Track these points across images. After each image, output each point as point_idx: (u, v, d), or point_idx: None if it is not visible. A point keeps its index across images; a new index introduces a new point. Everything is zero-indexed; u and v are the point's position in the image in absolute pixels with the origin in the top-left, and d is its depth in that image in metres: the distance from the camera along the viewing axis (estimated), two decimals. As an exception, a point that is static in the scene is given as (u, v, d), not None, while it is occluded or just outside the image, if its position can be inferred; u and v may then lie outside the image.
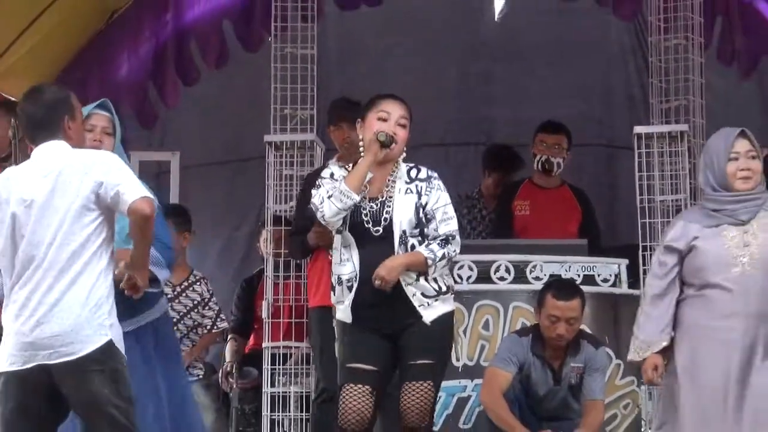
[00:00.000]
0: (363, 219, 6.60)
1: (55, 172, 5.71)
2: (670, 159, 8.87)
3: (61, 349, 5.58)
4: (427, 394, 6.62)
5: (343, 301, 6.63)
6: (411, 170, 6.74)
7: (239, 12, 10.72)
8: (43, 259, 5.65)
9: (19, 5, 9.81)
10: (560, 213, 9.61)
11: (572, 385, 7.86)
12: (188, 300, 8.69)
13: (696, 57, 9.40)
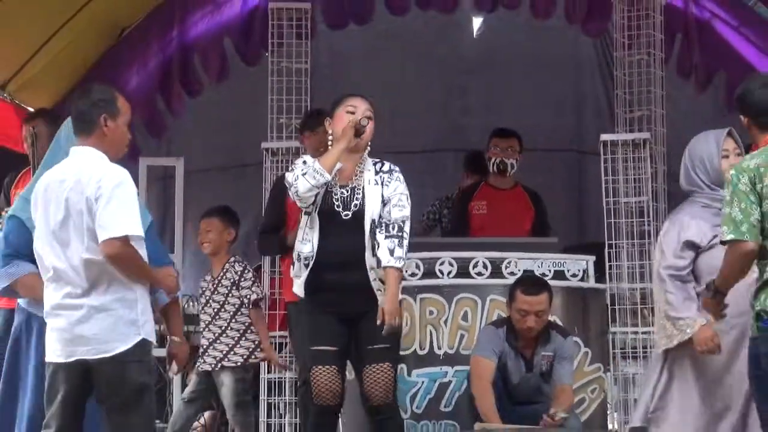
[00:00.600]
0: (334, 203, 6.65)
1: (73, 183, 5.71)
2: (634, 164, 8.91)
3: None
4: (388, 374, 6.66)
5: (300, 276, 6.67)
6: (376, 164, 6.82)
7: (239, 30, 10.74)
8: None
9: (36, 23, 9.80)
10: (515, 212, 9.54)
11: (543, 372, 7.85)
12: (224, 288, 8.63)
13: (657, 71, 9.46)
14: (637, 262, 8.83)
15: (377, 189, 6.71)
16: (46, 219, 5.73)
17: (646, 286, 8.78)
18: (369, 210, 6.66)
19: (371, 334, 6.62)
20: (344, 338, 6.70)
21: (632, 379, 8.78)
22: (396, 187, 6.72)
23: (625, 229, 8.85)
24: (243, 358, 8.42)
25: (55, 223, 5.69)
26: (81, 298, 5.66)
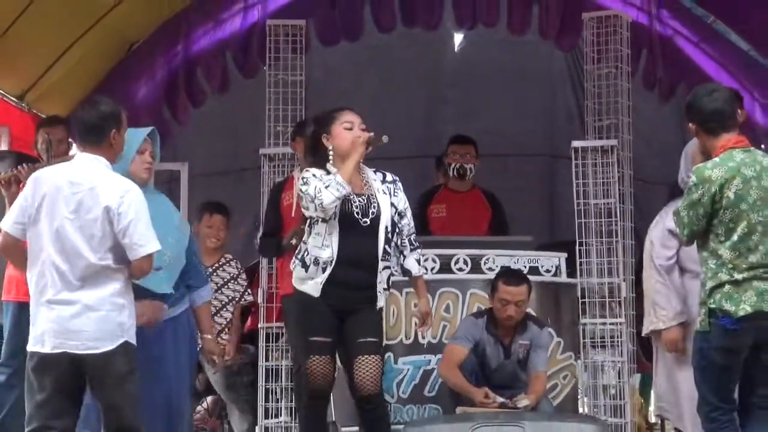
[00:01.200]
0: (354, 210, 6.65)
1: (87, 189, 5.70)
2: (602, 169, 8.90)
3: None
4: (376, 366, 6.70)
5: (314, 278, 6.66)
6: (377, 173, 6.85)
7: (239, 45, 10.75)
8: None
9: (52, 38, 9.81)
10: (473, 213, 9.60)
11: (520, 359, 7.87)
12: (219, 278, 8.68)
13: (624, 83, 9.45)
14: (605, 258, 8.83)
15: (387, 198, 6.76)
16: (51, 216, 5.67)
17: (614, 280, 8.81)
18: (384, 217, 6.70)
19: (362, 328, 6.69)
20: (337, 331, 6.72)
21: (601, 367, 8.77)
22: (404, 199, 6.83)
23: (595, 229, 8.85)
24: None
25: (60, 222, 5.65)
26: (76, 293, 5.64)
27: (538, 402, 7.68)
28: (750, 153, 5.93)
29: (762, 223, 5.77)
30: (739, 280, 5.77)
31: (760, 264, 5.76)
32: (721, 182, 5.86)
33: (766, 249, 5.76)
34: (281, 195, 8.47)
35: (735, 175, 5.85)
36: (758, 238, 5.78)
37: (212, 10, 10.92)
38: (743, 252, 5.78)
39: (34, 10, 9.10)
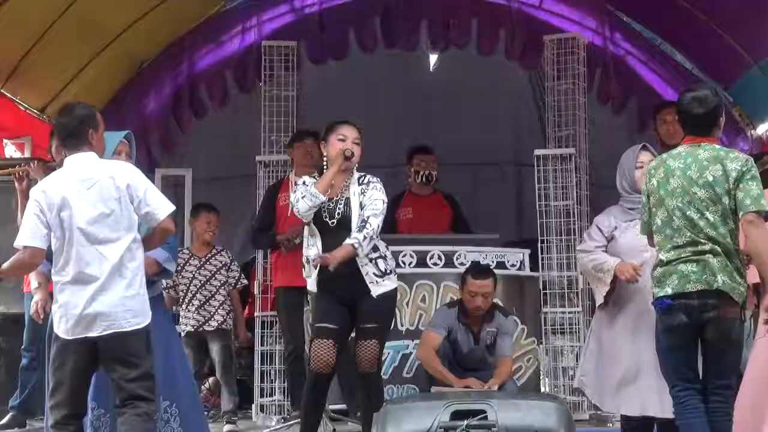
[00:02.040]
0: (323, 213, 6.66)
1: (96, 183, 5.60)
2: (562, 174, 8.91)
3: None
4: (373, 349, 6.67)
5: (311, 275, 6.69)
6: (360, 177, 6.82)
7: (237, 63, 10.78)
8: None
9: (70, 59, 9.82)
10: (436, 214, 9.60)
11: (488, 345, 7.86)
12: (212, 266, 8.69)
13: (581, 98, 9.46)
14: (564, 254, 8.83)
15: (358, 199, 6.72)
16: (74, 216, 5.54)
17: (572, 274, 8.82)
18: (354, 215, 6.66)
19: (363, 315, 6.67)
20: (343, 318, 6.68)
21: (560, 350, 8.78)
22: (372, 194, 6.72)
23: (555, 228, 8.86)
24: (218, 323, 8.62)
25: (87, 221, 5.54)
26: (101, 284, 5.52)
27: (504, 383, 7.70)
28: (692, 147, 5.79)
29: (680, 208, 5.64)
30: (664, 261, 5.68)
31: (685, 244, 5.63)
32: (650, 171, 5.86)
33: (686, 233, 5.63)
34: (278, 195, 8.48)
35: (660, 165, 5.82)
36: (679, 223, 5.65)
37: (213, 33, 10.95)
38: (669, 235, 5.68)
39: (54, 33, 9.11)
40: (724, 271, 5.58)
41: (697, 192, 5.63)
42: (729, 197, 5.61)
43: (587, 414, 8.60)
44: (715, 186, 5.61)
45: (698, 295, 5.58)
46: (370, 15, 10.84)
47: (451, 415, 5.33)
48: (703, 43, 10.48)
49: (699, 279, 5.57)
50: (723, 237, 5.60)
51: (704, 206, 5.61)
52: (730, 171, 5.62)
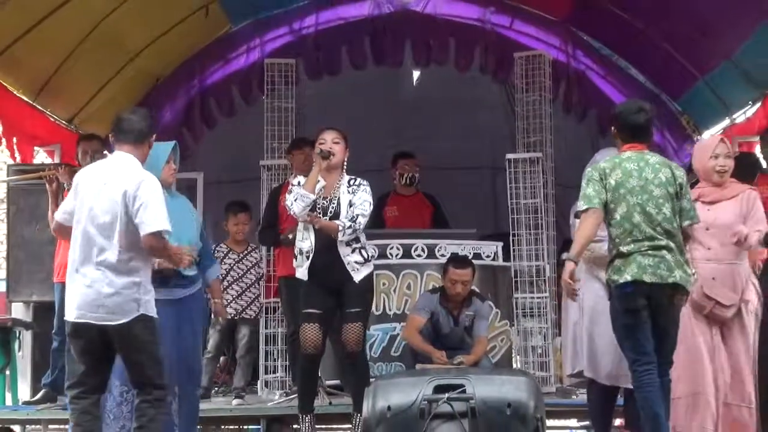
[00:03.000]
0: (318, 210, 6.70)
1: (118, 182, 5.59)
2: (530, 175, 8.89)
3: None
4: (358, 331, 6.73)
5: (302, 265, 6.72)
6: (350, 180, 6.86)
7: (242, 79, 10.79)
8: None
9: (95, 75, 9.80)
10: (418, 211, 9.59)
11: (466, 326, 7.88)
12: (250, 260, 8.81)
13: (547, 108, 9.45)
14: (533, 246, 8.82)
15: (348, 197, 6.74)
16: (84, 203, 5.58)
17: (540, 264, 8.80)
18: (342, 214, 6.69)
19: (347, 300, 6.71)
20: (329, 304, 6.72)
21: (530, 331, 8.76)
22: (360, 195, 6.77)
23: (524, 223, 8.84)
24: (255, 313, 8.74)
25: (90, 207, 5.56)
26: (97, 271, 5.51)
27: (480, 360, 7.71)
28: (640, 153, 5.87)
29: (640, 203, 5.70)
30: (625, 252, 5.72)
31: (644, 239, 5.69)
32: (605, 169, 5.84)
33: (645, 228, 5.69)
34: (279, 197, 8.44)
35: (616, 167, 5.83)
36: (638, 218, 5.70)
37: (221, 52, 10.94)
38: (628, 229, 5.71)
39: (80, 53, 9.10)
40: (679, 266, 5.68)
41: (654, 190, 5.72)
42: (677, 198, 5.75)
43: (554, 387, 8.61)
44: (668, 186, 5.73)
45: (655, 286, 5.65)
46: (361, 36, 10.86)
47: (434, 389, 5.34)
48: (655, 59, 10.49)
49: (655, 272, 5.65)
50: (676, 231, 5.68)
51: (661, 203, 5.70)
52: (677, 177, 5.79)
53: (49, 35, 8.53)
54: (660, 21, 9.76)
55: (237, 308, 8.66)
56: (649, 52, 10.42)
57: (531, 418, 5.30)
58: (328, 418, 8.02)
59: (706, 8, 9.06)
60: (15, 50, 8.38)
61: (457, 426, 5.22)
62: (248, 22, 10.90)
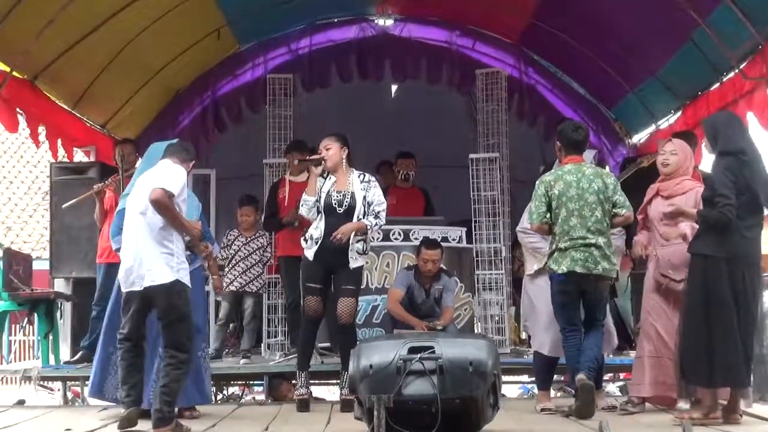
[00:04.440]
0: (333, 203, 6.65)
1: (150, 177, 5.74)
2: (489, 172, 8.91)
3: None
4: (351, 305, 6.69)
5: (311, 248, 6.65)
6: (360, 175, 6.82)
7: (249, 91, 10.78)
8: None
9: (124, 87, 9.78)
10: (413, 202, 9.64)
11: (436, 298, 7.90)
12: (255, 244, 8.73)
13: (503, 115, 9.50)
14: (492, 231, 8.84)
15: (362, 193, 6.70)
16: (134, 203, 5.72)
17: (497, 246, 8.82)
18: (358, 207, 6.65)
19: (343, 279, 6.67)
20: (327, 281, 6.70)
21: (488, 302, 8.78)
22: (375, 192, 6.74)
23: (484, 211, 8.86)
24: (258, 288, 8.69)
25: (144, 207, 5.64)
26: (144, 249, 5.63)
27: (447, 326, 7.71)
28: (578, 166, 6.14)
29: (577, 210, 6.02)
30: (563, 248, 6.04)
31: (577, 237, 6.00)
32: (550, 182, 6.13)
33: (579, 230, 6.00)
34: (278, 190, 8.45)
35: (558, 179, 6.11)
36: (575, 221, 6.01)
37: (231, 68, 10.92)
38: (566, 229, 6.03)
39: (112, 69, 9.08)
40: (604, 259, 6.02)
41: (588, 197, 6.05)
42: (608, 202, 6.06)
43: (508, 349, 8.64)
44: (599, 194, 6.09)
45: (584, 276, 6.01)
46: (348, 55, 10.85)
47: (408, 350, 5.33)
48: (593, 75, 10.50)
49: (584, 266, 6.00)
50: (605, 229, 6.06)
51: (594, 207, 6.04)
52: (608, 184, 6.12)
53: (85, 54, 8.50)
54: (596, 43, 9.77)
55: (242, 282, 8.62)
56: (588, 69, 10.43)
57: (489, 374, 5.29)
58: (320, 375, 8.03)
59: (634, 33, 9.08)
60: (56, 67, 8.35)
61: (427, 381, 5.21)
62: (253, 43, 10.85)
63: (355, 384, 5.38)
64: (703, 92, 8.83)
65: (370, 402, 5.20)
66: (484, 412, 5.32)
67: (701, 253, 5.57)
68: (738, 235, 5.49)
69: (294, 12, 10.35)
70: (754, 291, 5.56)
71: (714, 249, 5.50)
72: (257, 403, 8.37)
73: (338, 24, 10.92)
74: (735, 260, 5.49)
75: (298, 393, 6.79)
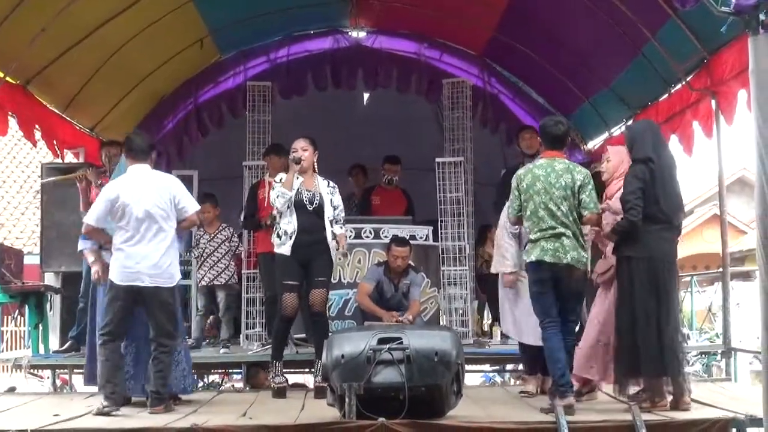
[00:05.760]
0: (304, 200, 6.66)
1: (155, 185, 5.88)
2: (455, 175, 8.93)
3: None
4: (324, 295, 6.71)
5: (286, 243, 6.62)
6: (324, 179, 6.85)
7: (229, 97, 10.69)
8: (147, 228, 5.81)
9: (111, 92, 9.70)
10: (396, 203, 9.64)
11: (404, 292, 7.89)
12: (219, 238, 8.70)
13: (468, 122, 9.52)
14: (456, 230, 8.86)
15: (329, 196, 6.74)
16: (140, 204, 5.79)
17: (462, 243, 8.84)
18: (327, 209, 6.69)
19: (316, 271, 6.67)
20: (302, 275, 6.67)
21: (453, 297, 8.80)
22: (337, 198, 6.81)
23: (450, 211, 8.87)
24: (225, 280, 8.63)
25: (151, 206, 5.77)
26: (145, 248, 5.75)
27: (414, 318, 7.71)
28: (551, 161, 5.93)
29: (543, 202, 5.83)
30: (534, 239, 5.87)
31: (547, 228, 5.81)
32: (521, 176, 6.00)
33: (548, 221, 5.81)
34: (257, 191, 8.41)
35: (528, 172, 5.96)
36: (542, 213, 5.83)
37: (213, 76, 10.85)
38: (536, 221, 5.86)
39: (100, 75, 9.02)
40: (573, 249, 5.80)
41: (554, 192, 5.84)
42: (575, 198, 5.84)
43: (471, 340, 8.65)
44: (566, 189, 5.85)
45: (554, 265, 5.80)
46: (323, 64, 10.80)
47: (378, 341, 5.34)
48: (551, 85, 10.55)
49: (554, 255, 5.79)
50: (572, 223, 5.84)
51: (560, 202, 5.83)
52: (576, 180, 5.87)
53: (75, 61, 8.43)
54: (555, 56, 9.81)
55: (210, 277, 8.55)
56: (547, 80, 10.47)
57: (453, 363, 5.31)
58: (295, 364, 8.01)
59: (589, 47, 9.13)
60: (48, 73, 8.29)
61: (395, 370, 5.22)
62: (234, 53, 10.78)
63: (327, 372, 5.38)
64: (652, 102, 8.89)
65: (342, 389, 5.21)
66: (448, 399, 5.34)
67: (625, 255, 5.73)
68: (657, 236, 5.66)
69: (273, 24, 10.32)
70: (672, 287, 5.71)
71: (636, 251, 5.67)
72: (236, 391, 8.34)
73: (314, 35, 10.88)
74: (654, 260, 5.65)
75: (276, 381, 6.77)
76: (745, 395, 6.28)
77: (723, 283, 8.08)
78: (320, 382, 6.29)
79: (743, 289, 13.03)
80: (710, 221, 21.37)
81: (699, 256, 20.84)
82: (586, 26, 8.67)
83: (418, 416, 5.09)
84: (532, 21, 9.32)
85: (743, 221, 21.71)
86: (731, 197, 18.03)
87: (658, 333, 5.58)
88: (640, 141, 5.81)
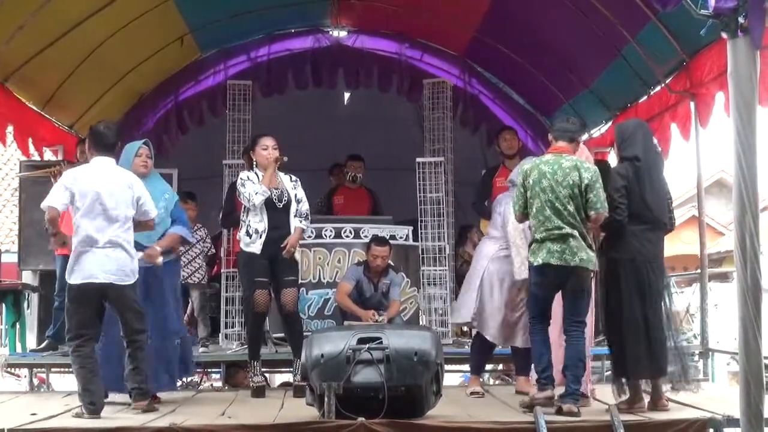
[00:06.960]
0: (273, 198, 6.66)
1: (119, 180, 5.76)
2: (435, 175, 8.91)
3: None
4: (294, 294, 6.74)
5: (257, 242, 6.64)
6: (287, 175, 6.86)
7: (210, 95, 10.68)
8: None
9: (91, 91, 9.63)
10: (360, 202, 9.63)
11: (384, 292, 7.88)
12: (195, 237, 8.58)
13: (448, 123, 9.51)
14: (437, 230, 8.85)
15: (293, 191, 6.74)
16: (94, 194, 5.65)
17: (442, 244, 8.83)
18: (292, 203, 6.70)
19: (285, 270, 6.68)
20: (270, 273, 6.66)
21: (433, 297, 8.80)
22: (300, 191, 6.80)
23: (430, 212, 8.86)
24: (199, 279, 8.66)
25: (112, 204, 5.65)
26: (112, 250, 5.66)
27: (393, 318, 7.70)
28: (558, 157, 5.77)
29: (550, 200, 5.64)
30: (539, 239, 5.69)
31: (553, 228, 5.63)
32: (527, 171, 5.83)
33: (555, 220, 5.63)
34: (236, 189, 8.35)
35: (534, 168, 5.78)
36: (549, 212, 5.64)
37: (193, 74, 10.82)
38: (541, 220, 5.67)
39: (80, 72, 8.95)
40: (582, 249, 5.62)
41: (561, 191, 5.65)
42: (582, 196, 5.65)
43: (451, 340, 8.66)
44: (574, 187, 5.64)
45: (561, 268, 5.63)
46: (304, 63, 10.79)
47: (358, 341, 5.33)
48: (532, 86, 10.58)
49: (561, 258, 5.61)
50: (579, 223, 5.65)
51: (566, 201, 5.63)
52: (583, 178, 5.66)
53: (55, 58, 8.37)
54: (535, 57, 9.84)
55: (184, 275, 8.49)
56: (527, 81, 10.50)
57: (433, 363, 5.31)
58: (274, 363, 7.99)
59: (570, 48, 9.17)
60: (26, 70, 8.22)
61: (375, 369, 5.22)
62: (214, 51, 10.75)
63: (306, 372, 5.37)
64: (632, 104, 8.94)
65: (321, 389, 5.20)
66: (427, 398, 5.34)
67: (610, 256, 5.74)
68: (642, 237, 5.66)
69: (253, 22, 10.29)
70: (658, 288, 5.71)
71: (621, 252, 5.68)
72: (215, 390, 8.30)
73: (295, 34, 10.86)
74: (638, 261, 5.66)
75: (255, 381, 6.75)
76: (722, 396, 6.32)
77: (701, 285, 8.13)
78: (299, 381, 6.27)
79: (721, 291, 13.10)
80: (688, 222, 21.46)
81: (677, 257, 20.93)
82: (567, 28, 8.70)
83: (397, 416, 5.09)
84: (514, 22, 9.35)
85: (721, 223, 21.86)
86: (709, 199, 18.16)
87: (643, 334, 5.60)
88: (629, 139, 5.80)
